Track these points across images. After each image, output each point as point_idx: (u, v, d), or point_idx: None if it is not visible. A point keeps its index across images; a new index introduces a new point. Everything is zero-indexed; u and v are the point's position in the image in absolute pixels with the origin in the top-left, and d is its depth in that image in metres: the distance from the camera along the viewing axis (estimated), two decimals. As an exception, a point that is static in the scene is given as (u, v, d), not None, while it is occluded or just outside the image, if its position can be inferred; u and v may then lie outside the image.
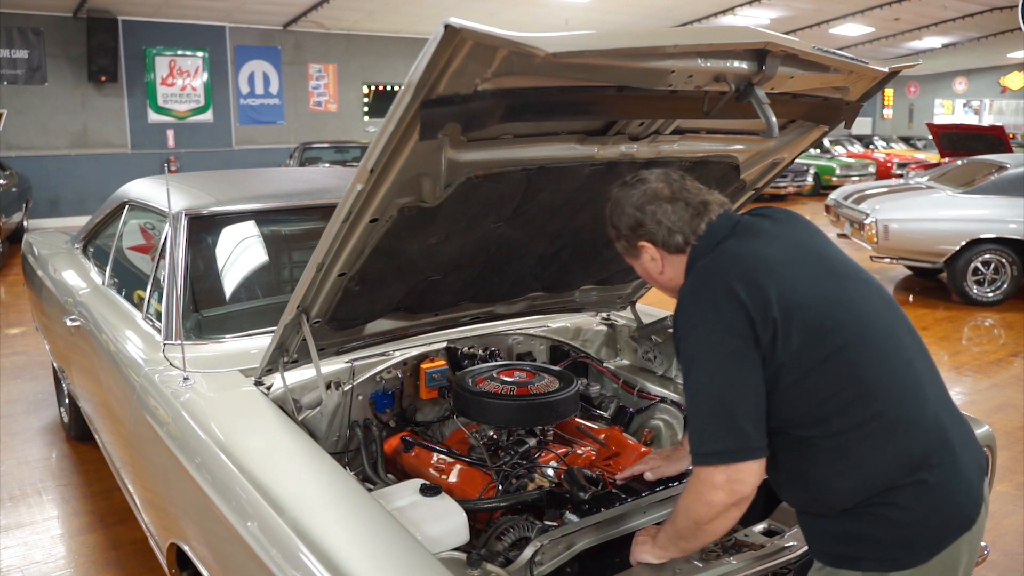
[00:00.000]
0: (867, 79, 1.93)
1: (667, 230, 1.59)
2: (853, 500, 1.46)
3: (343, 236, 1.75)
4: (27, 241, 4.72)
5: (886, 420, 1.44)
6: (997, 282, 7.36)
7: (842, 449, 1.44)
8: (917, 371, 1.51)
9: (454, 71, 1.34)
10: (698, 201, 1.61)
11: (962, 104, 25.64)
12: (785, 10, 15.39)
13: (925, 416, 1.48)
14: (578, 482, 1.98)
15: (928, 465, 1.45)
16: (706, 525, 1.49)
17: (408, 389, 2.51)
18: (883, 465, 1.44)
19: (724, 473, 1.42)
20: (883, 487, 1.44)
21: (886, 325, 1.52)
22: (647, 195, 1.62)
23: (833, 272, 1.54)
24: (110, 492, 3.58)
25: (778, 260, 1.49)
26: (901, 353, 1.51)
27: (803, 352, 1.42)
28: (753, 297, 1.42)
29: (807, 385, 1.43)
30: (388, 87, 16.76)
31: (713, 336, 1.43)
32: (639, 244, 1.63)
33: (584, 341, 2.98)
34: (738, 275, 1.45)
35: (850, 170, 17.42)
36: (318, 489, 1.72)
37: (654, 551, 1.65)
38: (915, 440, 1.45)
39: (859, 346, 1.46)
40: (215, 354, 2.42)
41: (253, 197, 2.98)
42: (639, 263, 1.69)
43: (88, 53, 13.38)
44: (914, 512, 1.44)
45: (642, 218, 1.61)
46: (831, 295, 1.48)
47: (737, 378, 1.41)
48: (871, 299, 1.54)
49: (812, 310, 1.44)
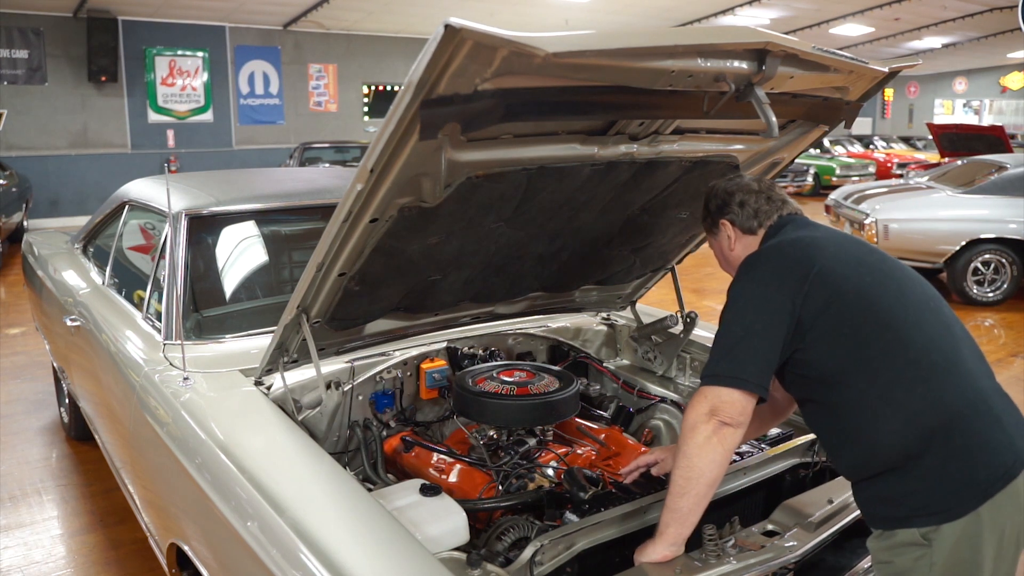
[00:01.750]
0: (867, 79, 1.93)
1: (747, 215, 1.85)
2: (899, 450, 1.56)
3: (343, 236, 1.75)
4: (27, 241, 4.72)
5: (924, 366, 1.58)
6: (997, 282, 7.36)
7: (884, 396, 1.57)
8: (955, 335, 1.66)
9: (454, 71, 1.34)
10: (779, 199, 1.88)
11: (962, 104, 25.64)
12: (785, 10, 15.39)
13: (960, 370, 1.60)
14: (578, 482, 1.98)
15: (966, 415, 1.56)
16: (696, 459, 1.60)
17: (408, 389, 2.52)
18: (921, 408, 1.56)
19: (712, 392, 1.61)
20: (925, 434, 1.55)
21: (924, 292, 1.70)
22: (739, 185, 1.89)
23: (874, 251, 1.76)
24: (110, 492, 3.58)
25: (828, 241, 1.73)
26: (939, 317, 1.67)
27: (845, 305, 1.61)
28: (798, 264, 1.65)
29: (852, 334, 1.60)
30: (388, 87, 16.76)
31: (756, 289, 1.67)
32: (721, 221, 1.89)
33: (584, 341, 2.98)
34: (789, 249, 1.71)
35: (850, 170, 17.41)
36: (318, 489, 1.72)
37: (656, 540, 1.65)
38: (952, 388, 1.58)
39: (898, 301, 1.64)
40: (215, 354, 2.42)
41: (253, 197, 2.98)
42: (716, 239, 1.93)
43: (88, 53, 13.37)
44: (958, 461, 1.54)
45: (729, 201, 1.87)
46: (874, 266, 1.69)
47: (756, 324, 1.62)
48: (907, 272, 1.73)
49: (856, 270, 1.65)
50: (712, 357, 1.65)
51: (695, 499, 1.62)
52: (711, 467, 1.60)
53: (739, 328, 1.64)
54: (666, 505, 1.65)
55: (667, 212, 2.32)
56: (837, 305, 1.61)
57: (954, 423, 1.55)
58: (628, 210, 2.25)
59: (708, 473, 1.60)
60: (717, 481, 1.62)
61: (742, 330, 1.63)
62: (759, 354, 1.61)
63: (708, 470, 1.60)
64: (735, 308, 1.68)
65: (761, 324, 1.62)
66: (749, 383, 1.59)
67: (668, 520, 1.64)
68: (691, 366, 2.75)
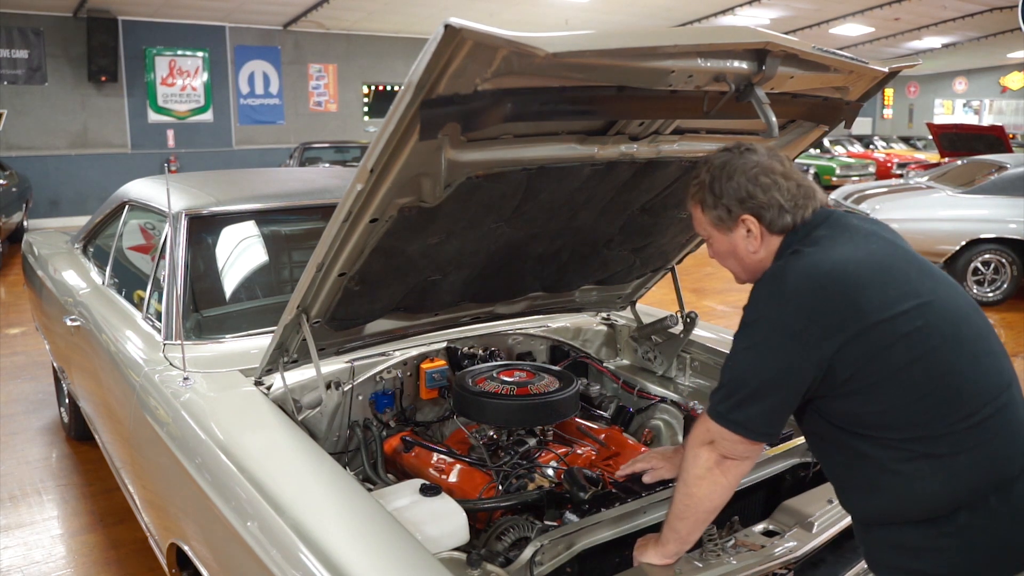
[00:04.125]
0: (867, 79, 1.92)
1: (779, 208, 1.50)
2: (932, 506, 1.39)
3: (343, 236, 1.75)
4: (27, 241, 4.72)
5: (975, 422, 1.38)
6: (997, 282, 7.36)
7: (928, 452, 1.38)
8: (1007, 379, 1.45)
9: (454, 71, 1.34)
10: (808, 185, 1.54)
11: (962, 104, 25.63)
12: (785, 10, 15.39)
13: (1012, 425, 1.41)
14: (578, 482, 1.98)
15: (1012, 476, 1.39)
16: (694, 488, 1.53)
17: (408, 389, 2.51)
18: (969, 469, 1.37)
19: (715, 428, 1.48)
20: (965, 494, 1.37)
21: (977, 328, 1.46)
22: (761, 167, 1.52)
23: (925, 272, 1.48)
24: (110, 492, 3.58)
25: (871, 261, 1.44)
26: (994, 360, 1.45)
27: (892, 352, 1.37)
28: (833, 308, 1.38)
29: (899, 387, 1.38)
30: (388, 87, 16.75)
31: (780, 334, 1.41)
32: (742, 217, 1.52)
33: (584, 341, 2.98)
34: (825, 279, 1.40)
35: (850, 170, 17.42)
36: (318, 489, 1.72)
37: (656, 549, 1.65)
38: (1002, 447, 1.40)
39: (954, 349, 1.41)
40: (215, 354, 2.42)
41: (253, 197, 2.98)
42: (728, 237, 1.57)
43: (88, 53, 13.37)
44: (997, 525, 1.38)
45: (754, 190, 1.50)
46: (926, 296, 1.42)
47: (776, 377, 1.42)
48: (959, 301, 1.48)
49: (908, 312, 1.39)
50: (720, 392, 1.47)
51: (694, 524, 1.58)
52: (710, 497, 1.54)
53: (752, 372, 1.43)
54: (667, 521, 1.63)
55: (667, 212, 2.32)
56: (884, 357, 1.37)
57: (1000, 486, 1.38)
58: (628, 210, 2.25)
59: (707, 502, 1.54)
60: (718, 508, 1.57)
61: (758, 382, 1.43)
62: (773, 410, 1.44)
63: (707, 499, 1.54)
64: (751, 347, 1.44)
65: (781, 378, 1.41)
66: (756, 433, 1.45)
67: (668, 537, 1.63)
68: (691, 366, 2.75)
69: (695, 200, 1.60)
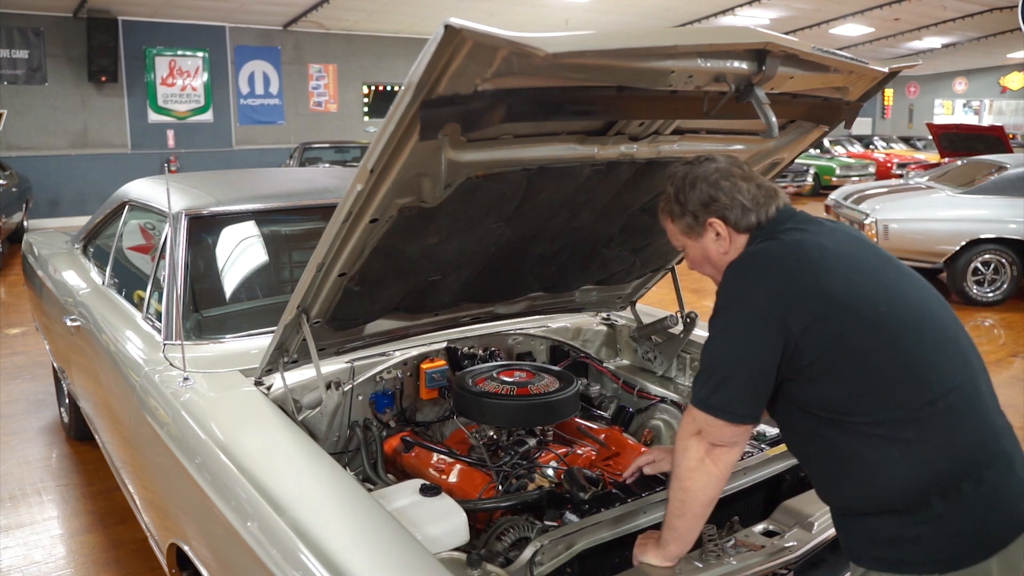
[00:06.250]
0: (867, 79, 1.93)
1: (741, 207, 1.58)
2: (904, 493, 1.42)
3: (343, 236, 1.75)
4: (27, 241, 4.72)
5: (940, 408, 1.42)
6: (997, 282, 7.36)
7: (895, 437, 1.42)
8: (973, 367, 1.50)
9: (454, 71, 1.34)
10: (768, 185, 1.62)
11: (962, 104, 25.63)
12: (785, 10, 15.39)
13: (977, 411, 1.46)
14: (578, 482, 1.98)
15: (981, 462, 1.43)
16: (688, 482, 1.55)
17: (408, 389, 2.52)
18: (936, 455, 1.41)
19: (700, 416, 1.51)
20: (936, 480, 1.41)
21: (940, 318, 1.52)
22: (721, 172, 1.60)
23: (888, 263, 1.56)
24: (110, 492, 3.58)
25: (836, 251, 1.51)
26: (958, 347, 1.50)
27: (856, 335, 1.43)
28: (801, 288, 1.45)
29: (863, 370, 1.43)
30: (388, 87, 16.76)
31: (750, 311, 1.47)
32: (708, 221, 1.60)
33: (584, 341, 2.98)
34: (792, 262, 1.48)
35: (850, 170, 17.42)
36: (318, 489, 1.72)
37: (657, 551, 1.65)
38: (969, 433, 1.44)
39: (915, 334, 1.46)
40: (215, 354, 2.42)
41: (253, 197, 2.98)
42: (699, 243, 1.65)
43: (88, 53, 13.38)
44: (970, 511, 1.40)
45: (716, 194, 1.59)
46: (889, 285, 1.50)
47: (749, 354, 1.46)
48: (923, 292, 1.54)
49: (870, 297, 1.46)
50: (700, 379, 1.53)
51: (692, 520, 1.59)
52: (705, 489, 1.55)
53: (728, 354, 1.49)
54: (666, 521, 1.63)
55: (667, 212, 2.31)
56: (849, 340, 1.43)
57: (969, 471, 1.41)
58: (628, 210, 2.25)
59: (702, 495, 1.56)
60: (714, 500, 1.58)
61: (730, 357, 1.48)
62: (749, 386, 1.47)
63: (702, 492, 1.55)
64: (725, 328, 1.50)
65: (752, 352, 1.46)
66: (736, 415, 1.49)
67: (668, 538, 1.63)
68: (691, 366, 2.75)
69: (665, 213, 1.70)
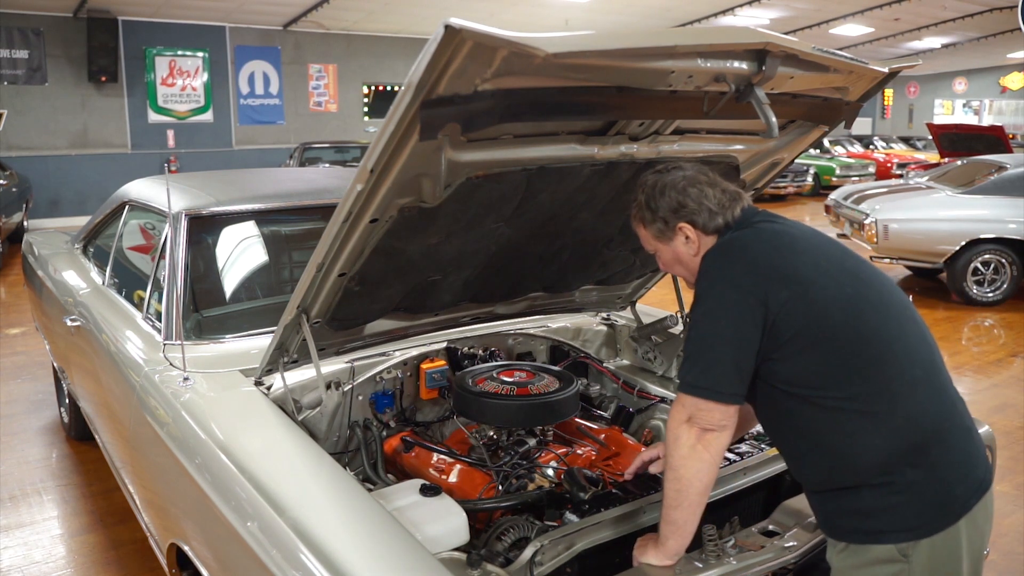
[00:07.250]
0: (867, 79, 1.93)
1: (708, 212, 1.66)
2: (878, 464, 1.51)
3: (343, 236, 1.75)
4: (27, 241, 4.73)
5: (907, 380, 1.53)
6: (997, 282, 7.36)
7: (867, 410, 1.51)
8: (931, 345, 1.62)
9: (454, 71, 1.34)
10: (732, 189, 1.70)
11: (962, 104, 25.64)
12: (785, 10, 15.39)
13: (937, 383, 1.58)
14: (578, 482, 1.98)
15: (945, 428, 1.54)
16: (681, 470, 1.57)
17: (408, 389, 2.52)
18: (906, 424, 1.51)
19: (689, 401, 1.55)
20: (905, 449, 1.50)
21: (900, 301, 1.64)
22: (688, 179, 1.69)
23: (850, 255, 1.66)
24: (110, 492, 3.58)
25: (804, 238, 1.63)
26: (917, 327, 1.62)
27: (828, 314, 1.52)
28: (776, 267, 1.54)
29: (836, 347, 1.52)
30: (388, 87, 16.76)
31: (728, 290, 1.54)
32: (678, 226, 1.68)
33: (584, 341, 2.98)
34: (766, 245, 1.59)
35: (850, 170, 17.41)
36: (318, 489, 1.72)
37: (657, 549, 1.65)
38: (933, 403, 1.55)
39: (880, 313, 1.57)
40: (215, 354, 2.42)
41: (253, 197, 2.98)
42: (670, 246, 1.73)
43: (88, 53, 13.38)
44: (938, 477, 1.51)
45: (684, 200, 1.67)
46: (852, 269, 1.61)
47: (729, 331, 1.53)
48: (883, 278, 1.66)
49: (838, 278, 1.56)
50: (685, 363, 1.58)
51: (689, 510, 1.60)
52: (699, 476, 1.57)
53: (711, 335, 1.54)
54: (663, 516, 1.64)
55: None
56: (822, 318, 1.51)
57: (934, 438, 1.52)
58: (628, 210, 2.24)
59: (697, 482, 1.57)
60: (708, 488, 1.60)
61: (714, 338, 1.54)
62: (733, 365, 1.53)
63: (696, 479, 1.57)
64: (706, 308, 1.56)
65: (734, 331, 1.52)
66: (724, 395, 1.53)
67: (667, 533, 1.64)
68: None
69: (637, 220, 1.77)
